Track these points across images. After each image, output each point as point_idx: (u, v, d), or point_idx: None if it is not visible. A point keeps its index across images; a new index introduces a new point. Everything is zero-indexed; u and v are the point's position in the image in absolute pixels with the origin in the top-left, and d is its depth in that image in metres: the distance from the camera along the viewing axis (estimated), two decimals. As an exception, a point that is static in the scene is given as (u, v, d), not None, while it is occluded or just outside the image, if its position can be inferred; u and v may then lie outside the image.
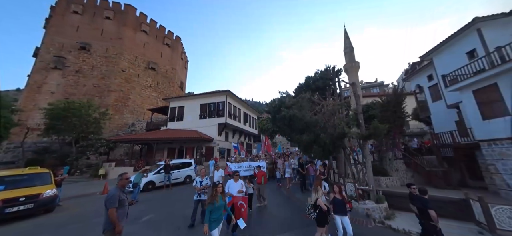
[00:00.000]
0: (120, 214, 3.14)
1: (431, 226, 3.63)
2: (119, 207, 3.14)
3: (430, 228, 3.65)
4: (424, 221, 3.83)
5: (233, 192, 4.88)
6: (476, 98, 8.32)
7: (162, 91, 31.43)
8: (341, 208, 4.16)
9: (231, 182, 5.14)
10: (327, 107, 8.44)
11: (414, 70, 18.86)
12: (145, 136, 17.39)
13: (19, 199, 6.01)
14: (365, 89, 38.19)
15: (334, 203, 4.26)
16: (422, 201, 3.87)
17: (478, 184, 9.62)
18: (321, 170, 7.83)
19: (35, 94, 22.19)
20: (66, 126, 16.27)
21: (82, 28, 25.82)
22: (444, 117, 12.16)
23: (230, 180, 5.24)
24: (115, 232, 2.99)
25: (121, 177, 3.46)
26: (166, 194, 9.08)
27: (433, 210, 3.63)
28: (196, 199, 5.31)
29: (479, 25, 9.10)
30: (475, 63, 8.48)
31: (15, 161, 18.70)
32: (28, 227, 5.53)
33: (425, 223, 3.80)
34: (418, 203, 3.95)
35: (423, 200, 3.88)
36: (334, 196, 4.30)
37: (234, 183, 5.09)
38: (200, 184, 5.33)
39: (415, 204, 4.04)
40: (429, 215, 3.64)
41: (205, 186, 5.32)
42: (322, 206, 3.99)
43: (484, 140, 8.11)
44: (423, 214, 3.83)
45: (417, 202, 3.98)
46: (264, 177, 7.13)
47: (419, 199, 3.97)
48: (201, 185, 5.31)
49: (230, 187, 5.01)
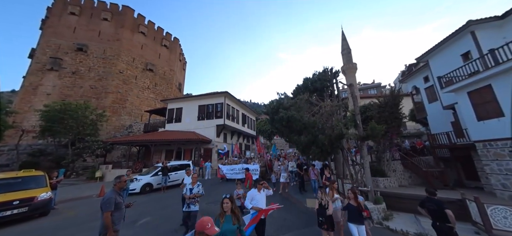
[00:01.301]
0: (116, 218, 3.08)
1: (448, 227, 3.47)
2: (115, 211, 3.08)
3: (447, 230, 3.49)
4: (439, 223, 3.61)
5: (260, 204, 3.93)
6: (471, 99, 8.45)
7: (160, 93, 31.26)
8: (356, 216, 3.72)
9: (254, 192, 4.05)
10: (325, 108, 8.49)
11: (410, 71, 19.12)
12: (143, 138, 17.24)
13: (13, 203, 5.89)
14: (363, 90, 38.53)
15: (349, 210, 3.82)
16: (436, 202, 3.71)
17: (474, 184, 9.74)
18: (327, 176, 7.16)
19: (31, 95, 21.88)
20: (62, 128, 16.05)
21: (79, 29, 25.62)
22: (440, 118, 12.32)
23: (253, 190, 4.11)
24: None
25: (119, 179, 3.40)
26: (163, 197, 8.99)
27: (449, 210, 3.49)
28: (185, 210, 4.44)
29: (473, 28, 9.28)
30: (469, 65, 8.63)
31: (9, 163, 18.33)
32: (21, 231, 5.41)
33: (440, 225, 3.59)
34: (431, 205, 3.75)
35: (437, 201, 3.73)
36: (349, 202, 3.87)
37: (257, 193, 4.05)
38: (190, 191, 4.50)
39: (428, 206, 3.82)
40: (444, 216, 3.49)
41: (196, 195, 4.49)
42: (329, 210, 3.86)
43: (479, 141, 8.23)
44: (437, 216, 3.64)
45: (431, 204, 3.77)
46: (250, 179, 7.09)
47: (432, 200, 3.78)
48: (190, 193, 4.49)
49: (254, 198, 3.95)
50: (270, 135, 28.91)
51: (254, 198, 4.00)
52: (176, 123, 19.55)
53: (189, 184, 4.66)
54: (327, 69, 10.62)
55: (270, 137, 29.60)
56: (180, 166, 11.71)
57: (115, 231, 3.04)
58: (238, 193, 5.13)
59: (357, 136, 7.57)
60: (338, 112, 9.11)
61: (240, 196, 5.01)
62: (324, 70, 10.71)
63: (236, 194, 5.09)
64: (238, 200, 4.91)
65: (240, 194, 5.10)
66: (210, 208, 6.68)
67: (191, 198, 4.43)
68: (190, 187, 4.58)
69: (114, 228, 3.01)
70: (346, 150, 8.94)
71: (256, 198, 4.00)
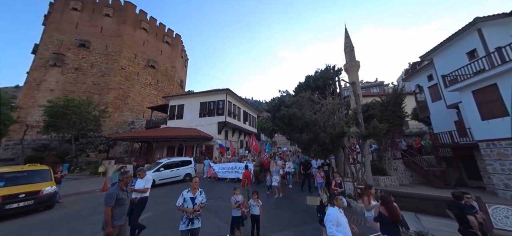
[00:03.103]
0: (117, 213, 3.08)
1: (471, 233, 3.38)
2: (117, 206, 3.08)
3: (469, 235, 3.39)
4: (462, 228, 3.51)
5: (348, 233, 2.97)
6: (475, 98, 8.33)
7: (162, 89, 31.36)
8: (392, 232, 2.87)
9: (335, 213, 2.98)
10: (326, 106, 8.45)
11: (414, 70, 18.85)
12: (145, 134, 17.37)
13: (19, 196, 6.02)
14: (365, 88, 38.19)
15: (382, 222, 3.07)
16: (460, 207, 3.60)
17: (476, 184, 9.68)
18: (337, 181, 6.19)
19: (34, 91, 22.13)
20: (65, 123, 16.26)
21: (81, 25, 25.67)
22: (443, 117, 12.19)
23: (333, 210, 3.05)
24: (106, 232, 2.93)
25: (126, 175, 3.41)
26: (163, 193, 9.10)
27: (472, 216, 3.40)
28: (185, 229, 3.21)
29: (480, 25, 9.09)
30: (475, 64, 8.48)
31: (15, 158, 18.69)
32: (28, 223, 5.54)
33: (464, 231, 3.50)
34: (455, 209, 3.64)
35: (461, 206, 3.61)
36: (381, 213, 3.12)
37: (341, 214, 3.04)
38: (193, 203, 3.29)
39: (453, 210, 3.72)
40: (466, 221, 3.38)
41: (201, 206, 3.36)
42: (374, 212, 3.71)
43: (483, 140, 8.14)
44: (460, 220, 3.54)
45: (455, 208, 3.66)
46: (248, 179, 6.55)
47: (456, 204, 3.68)
48: (194, 205, 3.27)
49: (340, 223, 2.95)
50: (271, 132, 28.93)
51: (340, 222, 2.87)
52: (178, 120, 19.65)
53: (187, 193, 3.41)
54: (329, 67, 10.52)
55: (272, 134, 29.63)
56: (181, 162, 11.78)
57: (114, 227, 3.02)
58: (237, 201, 4.13)
59: (358, 135, 7.55)
60: (340, 110, 9.07)
61: (241, 204, 4.08)
62: (326, 67, 10.62)
63: (234, 201, 4.13)
64: (238, 209, 4.05)
65: (239, 201, 4.12)
66: (212, 205, 6.75)
67: (196, 211, 3.26)
68: (190, 196, 3.36)
69: (114, 223, 3.01)
70: (347, 149, 8.92)
71: (342, 223, 2.89)
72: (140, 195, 4.67)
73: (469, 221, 3.37)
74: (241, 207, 4.09)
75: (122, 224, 3.22)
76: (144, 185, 4.78)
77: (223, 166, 11.41)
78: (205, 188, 9.62)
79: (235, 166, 10.78)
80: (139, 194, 4.67)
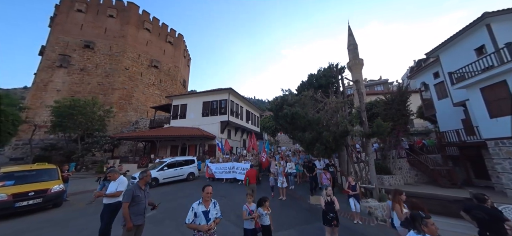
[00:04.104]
0: (132, 212, 3.07)
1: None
2: (133, 204, 3.08)
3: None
4: (489, 234, 3.08)
5: None
6: (484, 95, 8.12)
7: (165, 89, 31.63)
8: None
9: None
10: (330, 105, 8.38)
11: (419, 67, 18.49)
12: (149, 133, 17.58)
13: (29, 194, 6.19)
14: (369, 87, 37.69)
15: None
16: (489, 212, 3.20)
17: (484, 184, 9.47)
18: (351, 183, 5.71)
19: (42, 92, 22.63)
20: (71, 123, 16.60)
21: (86, 27, 26.07)
22: (450, 115, 11.93)
23: None
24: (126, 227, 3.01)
25: (145, 173, 3.44)
26: (167, 191, 9.20)
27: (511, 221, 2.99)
28: None
29: (489, 20, 8.83)
30: (483, 60, 8.26)
31: (24, 157, 19.20)
32: (37, 221, 5.69)
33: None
34: (480, 213, 3.20)
35: (491, 211, 3.22)
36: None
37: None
38: (206, 218, 2.71)
39: (475, 214, 3.26)
40: (498, 228, 3.00)
41: (216, 222, 2.83)
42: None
43: (491, 139, 7.94)
44: (488, 226, 3.12)
45: (480, 213, 3.21)
46: (251, 178, 6.33)
47: (483, 208, 3.26)
48: (208, 221, 2.70)
49: None
50: (274, 131, 28.90)
51: None
52: (181, 119, 19.81)
53: (198, 205, 2.77)
54: (332, 65, 10.42)
55: (274, 133, 29.59)
56: (185, 161, 11.87)
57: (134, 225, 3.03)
58: (251, 210, 3.42)
59: (362, 133, 7.46)
60: (343, 109, 8.97)
61: (255, 216, 3.32)
62: (329, 66, 10.52)
63: (247, 211, 3.41)
64: (252, 221, 3.31)
65: (253, 211, 3.43)
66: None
67: (212, 229, 2.71)
68: (203, 209, 2.74)
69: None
70: (350, 147, 8.83)
71: None
72: (111, 201, 3.81)
73: (506, 228, 2.96)
74: (257, 219, 3.32)
75: (140, 224, 3.20)
76: (117, 188, 3.88)
77: (220, 166, 11.04)
78: (213, 182, 9.84)
79: (232, 166, 10.40)
80: (110, 199, 3.82)
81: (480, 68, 8.33)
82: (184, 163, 11.75)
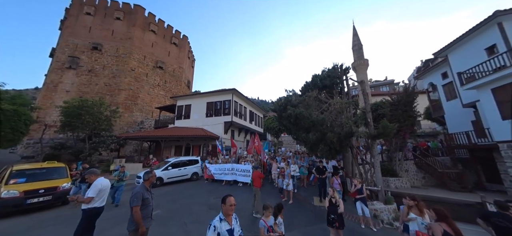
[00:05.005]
0: (143, 214, 2.93)
1: None
2: (142, 207, 2.93)
3: None
4: None
5: None
6: (495, 96, 7.85)
7: (169, 90, 32.07)
8: None
9: None
10: (334, 106, 8.29)
11: (427, 67, 18.06)
12: (154, 133, 17.85)
13: (39, 191, 6.39)
14: (374, 87, 37.06)
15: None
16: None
17: (495, 188, 9.13)
18: (358, 186, 5.48)
19: (52, 92, 23.36)
20: (80, 123, 17.05)
21: (94, 29, 26.79)
22: (459, 117, 11.59)
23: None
24: (138, 232, 2.81)
25: (151, 174, 3.22)
26: (171, 191, 9.29)
27: None
28: None
29: (501, 18, 8.55)
30: (495, 60, 7.99)
31: (35, 156, 19.84)
32: (47, 218, 5.86)
33: None
34: (503, 222, 3.01)
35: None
36: (446, 233, 2.48)
37: None
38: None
39: (496, 222, 3.08)
40: None
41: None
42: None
43: (503, 141, 7.66)
44: (508, 235, 2.94)
45: (502, 221, 3.03)
46: (256, 180, 6.04)
47: (505, 216, 3.09)
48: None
49: None
50: (277, 132, 28.79)
51: None
52: (185, 119, 20.02)
53: (221, 223, 2.26)
54: (336, 65, 10.31)
55: (278, 134, 29.48)
56: (189, 161, 11.98)
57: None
58: (269, 227, 2.89)
59: (367, 134, 7.34)
60: (348, 110, 8.86)
61: (272, 232, 2.85)
62: (333, 66, 10.42)
63: (264, 228, 2.87)
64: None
65: (271, 227, 2.91)
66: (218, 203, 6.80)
67: None
68: (227, 228, 2.26)
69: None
70: (355, 149, 8.70)
71: None
72: (85, 206, 3.37)
73: None
74: (274, 233, 2.82)
75: (148, 227, 3.11)
76: (88, 194, 3.41)
77: (220, 167, 10.69)
78: (208, 189, 9.35)
79: (232, 167, 10.06)
80: (87, 204, 3.38)
81: (491, 68, 8.06)
82: (188, 163, 11.86)
